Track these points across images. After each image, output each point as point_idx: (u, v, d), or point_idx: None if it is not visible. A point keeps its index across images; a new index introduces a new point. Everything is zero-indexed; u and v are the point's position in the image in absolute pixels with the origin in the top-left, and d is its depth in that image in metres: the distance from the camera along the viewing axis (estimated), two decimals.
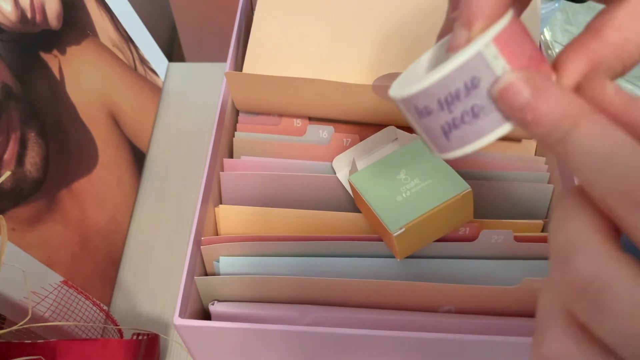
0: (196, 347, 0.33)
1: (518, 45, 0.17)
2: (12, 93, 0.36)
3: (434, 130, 0.18)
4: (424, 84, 0.17)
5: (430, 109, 0.18)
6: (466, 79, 0.17)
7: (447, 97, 0.17)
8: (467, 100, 0.17)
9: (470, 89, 0.17)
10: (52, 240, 0.38)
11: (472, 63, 0.17)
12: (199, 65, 0.58)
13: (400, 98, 0.18)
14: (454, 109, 0.17)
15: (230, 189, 0.38)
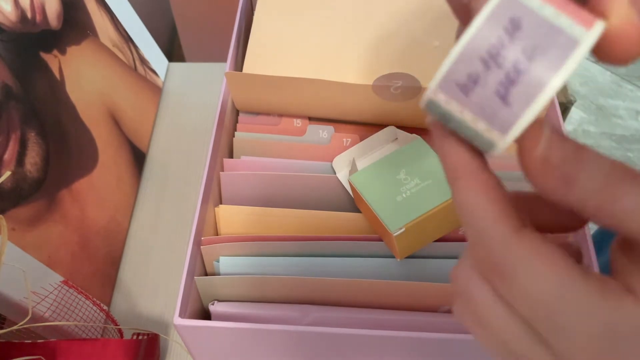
0: (196, 347, 0.33)
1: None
2: (12, 93, 0.36)
3: (489, 102, 0.15)
4: (459, 47, 0.15)
5: (475, 74, 0.15)
6: (504, 22, 0.15)
7: (491, 51, 0.15)
8: (514, 46, 0.15)
9: (513, 31, 0.15)
10: (52, 240, 0.38)
11: (505, 4, 0.15)
12: (199, 65, 0.58)
13: (437, 83, 0.16)
14: (504, 62, 0.15)
15: (230, 189, 0.38)
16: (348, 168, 0.37)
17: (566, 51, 0.15)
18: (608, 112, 1.26)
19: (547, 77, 0.15)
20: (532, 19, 0.15)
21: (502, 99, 0.15)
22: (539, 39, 0.15)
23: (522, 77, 0.15)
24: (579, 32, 0.15)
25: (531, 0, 0.15)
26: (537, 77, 0.15)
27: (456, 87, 0.16)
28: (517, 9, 0.15)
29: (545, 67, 0.15)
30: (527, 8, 0.15)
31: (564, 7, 0.16)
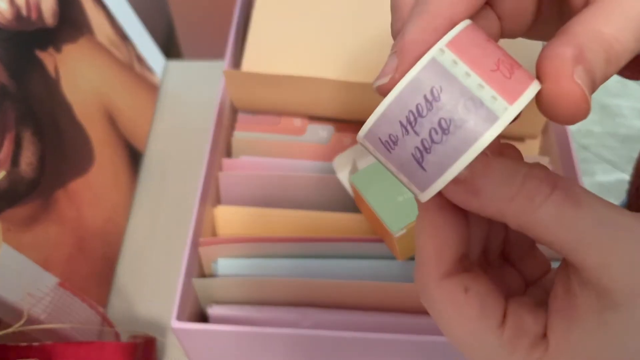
0: (194, 350, 0.33)
1: (482, 50, 0.15)
2: (7, 92, 0.36)
3: (407, 163, 0.16)
4: (381, 107, 0.16)
5: (395, 136, 0.16)
6: (425, 91, 0.15)
7: (409, 117, 0.15)
8: (432, 115, 0.15)
9: (432, 101, 0.15)
10: (48, 242, 0.37)
11: (428, 72, 0.15)
12: (197, 63, 0.58)
13: (364, 135, 0.16)
14: (420, 130, 0.15)
15: (228, 189, 0.37)
16: (348, 168, 0.37)
17: (483, 126, 0.15)
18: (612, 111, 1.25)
19: (458, 155, 0.15)
20: (454, 88, 0.15)
21: (418, 163, 0.16)
22: (457, 111, 0.15)
23: (436, 149, 0.15)
24: (500, 106, 0.15)
25: (457, 67, 0.15)
26: (449, 152, 0.15)
27: (379, 142, 0.16)
28: (441, 76, 0.15)
29: (458, 144, 0.15)
30: (451, 76, 0.15)
31: (491, 76, 0.15)
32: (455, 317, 0.16)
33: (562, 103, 0.15)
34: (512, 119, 0.15)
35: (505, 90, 0.15)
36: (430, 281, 0.17)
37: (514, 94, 0.15)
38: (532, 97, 0.16)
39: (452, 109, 0.15)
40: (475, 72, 0.15)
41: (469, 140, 0.15)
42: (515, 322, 0.16)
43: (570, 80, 0.15)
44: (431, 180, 0.16)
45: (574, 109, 0.15)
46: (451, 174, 0.15)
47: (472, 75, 0.15)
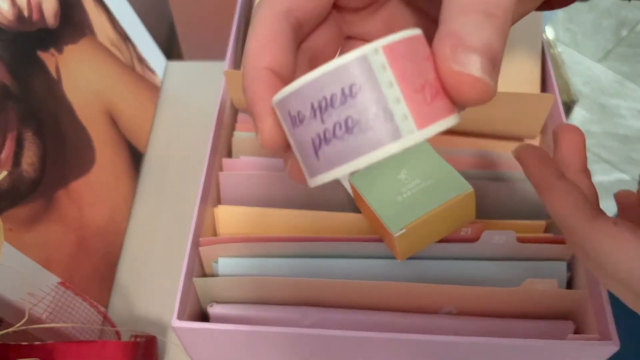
0: (195, 349, 0.33)
1: (415, 66, 0.15)
2: (9, 92, 0.36)
3: (305, 144, 0.15)
4: (300, 81, 0.15)
5: (303, 115, 0.15)
6: (344, 84, 0.14)
7: (321, 103, 0.15)
8: (341, 109, 0.14)
9: (348, 96, 0.14)
10: (49, 241, 0.37)
11: (355, 67, 0.14)
12: (198, 64, 0.58)
13: (277, 100, 0.16)
14: (327, 119, 0.15)
15: (229, 189, 0.38)
16: None
17: (384, 140, 0.15)
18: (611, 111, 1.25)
19: (352, 157, 0.15)
20: (373, 93, 0.14)
21: (315, 150, 0.15)
22: (365, 115, 0.14)
23: (334, 143, 0.15)
24: (408, 127, 0.15)
25: (384, 73, 0.14)
26: (345, 151, 0.15)
27: (288, 114, 0.16)
28: (365, 76, 0.14)
29: (355, 146, 0.15)
30: (374, 79, 0.14)
31: (412, 95, 0.15)
32: (614, 246, 0.19)
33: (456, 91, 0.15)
34: (414, 143, 0.15)
35: (420, 113, 0.15)
36: (584, 223, 0.20)
37: (425, 120, 0.15)
38: (443, 130, 0.15)
39: (362, 112, 0.14)
40: (399, 85, 0.15)
41: (365, 148, 0.15)
42: None
43: (450, 71, 0.15)
44: (319, 171, 0.15)
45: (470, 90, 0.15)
46: (338, 172, 0.15)
47: (394, 86, 0.15)
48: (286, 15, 0.18)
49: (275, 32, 0.17)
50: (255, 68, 0.17)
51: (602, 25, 1.38)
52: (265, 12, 0.18)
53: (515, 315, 0.32)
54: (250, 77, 0.17)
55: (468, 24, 0.15)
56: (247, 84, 0.17)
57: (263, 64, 0.17)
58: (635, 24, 1.38)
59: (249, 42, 0.18)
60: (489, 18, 0.15)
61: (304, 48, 0.20)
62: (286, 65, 0.17)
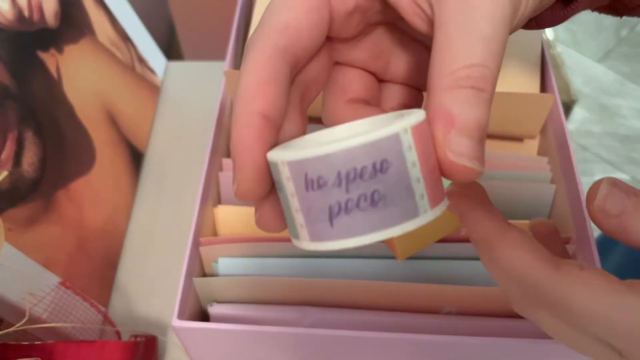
0: (195, 349, 0.33)
1: (428, 147, 0.16)
2: (9, 92, 0.36)
3: (318, 209, 0.15)
4: (330, 148, 0.15)
5: (324, 181, 0.15)
6: (376, 159, 0.15)
7: (350, 173, 0.15)
8: (370, 183, 0.15)
9: (378, 171, 0.15)
10: (49, 241, 0.37)
11: (388, 144, 0.15)
12: (198, 64, 0.58)
13: (291, 160, 0.15)
14: (353, 190, 0.15)
15: (229, 189, 0.38)
16: None
17: (404, 217, 0.15)
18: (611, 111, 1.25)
19: (370, 230, 0.15)
20: (400, 171, 0.15)
21: (330, 217, 0.15)
22: (391, 191, 0.15)
23: (355, 214, 0.15)
24: (424, 206, 0.16)
25: (410, 153, 0.15)
26: (365, 223, 0.15)
27: (303, 176, 0.15)
28: (396, 154, 0.15)
29: (376, 220, 0.15)
30: (402, 158, 0.15)
31: (428, 175, 0.16)
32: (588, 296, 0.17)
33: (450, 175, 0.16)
34: (427, 222, 0.16)
35: (432, 193, 0.16)
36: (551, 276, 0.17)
37: (436, 200, 0.16)
38: (444, 209, 0.16)
39: (389, 188, 0.15)
40: (420, 165, 0.15)
41: (385, 223, 0.15)
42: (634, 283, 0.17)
43: (446, 159, 0.16)
44: (330, 238, 0.16)
45: (463, 176, 0.16)
46: (353, 242, 0.15)
47: (417, 167, 0.15)
48: (284, 54, 0.17)
49: (272, 71, 0.17)
50: (247, 112, 0.16)
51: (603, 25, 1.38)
52: (261, 49, 0.17)
53: (515, 315, 0.32)
54: (241, 122, 0.16)
55: (459, 101, 0.16)
56: (237, 129, 0.16)
57: (256, 108, 0.16)
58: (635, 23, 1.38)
59: (242, 80, 0.17)
60: (478, 94, 0.16)
61: (296, 82, 0.19)
62: (280, 109, 0.17)
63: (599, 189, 0.18)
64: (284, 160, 0.16)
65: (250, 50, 0.17)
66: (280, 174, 0.16)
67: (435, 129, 0.16)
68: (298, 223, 0.16)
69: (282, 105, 0.17)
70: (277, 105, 0.17)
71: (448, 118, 0.16)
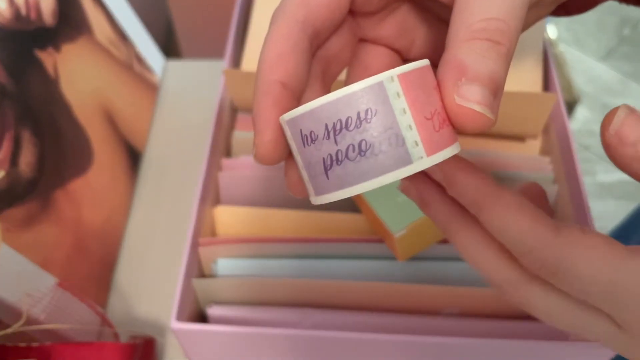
0: (193, 351, 0.33)
1: (426, 95, 0.16)
2: (6, 91, 0.36)
3: (315, 163, 0.16)
4: (315, 103, 0.16)
5: (315, 134, 0.16)
6: (360, 109, 0.15)
7: (336, 125, 0.15)
8: (355, 133, 0.15)
9: (363, 120, 0.15)
10: (47, 242, 0.37)
11: (371, 93, 0.15)
12: (197, 62, 0.58)
13: (288, 118, 0.16)
14: (341, 141, 0.16)
15: (228, 189, 0.37)
16: None
17: (395, 164, 0.15)
18: None
19: (362, 179, 0.16)
20: (387, 118, 0.15)
21: (325, 170, 0.16)
22: (379, 139, 0.15)
23: (346, 164, 0.16)
24: (418, 153, 0.16)
25: (398, 100, 0.15)
26: (356, 173, 0.16)
27: (299, 133, 0.16)
28: (380, 101, 0.15)
29: (367, 169, 0.15)
30: (389, 105, 0.15)
31: (423, 122, 0.16)
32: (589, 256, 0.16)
33: (458, 122, 0.16)
34: (422, 169, 0.16)
35: (429, 140, 0.16)
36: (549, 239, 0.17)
37: (433, 148, 0.16)
38: (448, 157, 0.16)
39: (376, 136, 0.15)
40: (412, 112, 0.15)
41: (376, 171, 0.16)
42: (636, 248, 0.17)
43: (453, 104, 0.15)
44: (328, 190, 0.16)
45: (471, 123, 0.16)
46: (347, 192, 0.16)
47: (407, 113, 0.15)
48: (303, 26, 0.17)
49: (291, 43, 0.17)
50: (267, 81, 0.17)
51: (605, 24, 1.37)
52: (281, 22, 0.17)
53: (517, 316, 0.32)
54: (261, 90, 0.17)
55: (472, 52, 0.15)
56: (257, 96, 0.17)
57: (275, 77, 0.17)
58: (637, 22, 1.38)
59: (264, 52, 0.17)
60: (494, 46, 0.15)
61: (318, 56, 0.19)
62: (299, 79, 0.17)
63: (616, 115, 0.16)
64: (283, 119, 0.17)
65: (272, 25, 0.18)
66: (287, 135, 0.17)
67: (445, 78, 0.16)
68: (305, 179, 0.17)
69: (301, 75, 0.17)
70: (296, 74, 0.17)
71: (460, 67, 0.15)
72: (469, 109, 0.15)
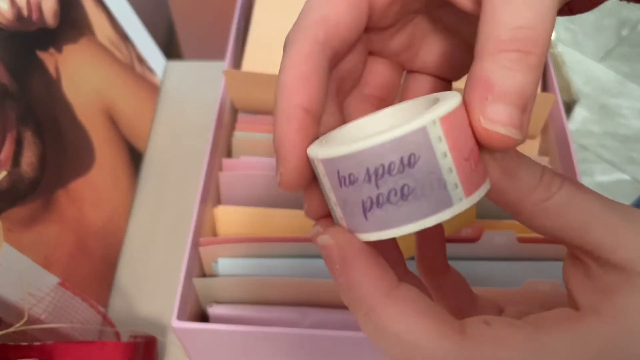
0: (194, 350, 0.33)
1: (463, 135, 0.16)
2: (8, 92, 0.36)
3: (352, 204, 0.16)
4: (357, 146, 0.15)
5: (355, 177, 0.15)
6: (403, 154, 0.15)
7: (378, 170, 0.15)
8: (398, 178, 0.15)
9: (406, 166, 0.15)
10: (48, 241, 0.37)
11: (414, 138, 0.15)
12: (198, 63, 0.58)
13: (324, 158, 0.16)
14: (382, 185, 0.15)
15: (229, 189, 0.37)
16: None
17: (436, 207, 0.16)
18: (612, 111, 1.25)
19: (403, 222, 0.15)
20: (430, 163, 0.15)
21: (364, 211, 0.16)
22: (421, 184, 0.15)
23: (387, 208, 0.15)
24: (458, 195, 0.16)
25: (439, 144, 0.15)
26: (398, 216, 0.15)
27: (335, 173, 0.16)
28: (423, 146, 0.15)
29: (408, 212, 0.15)
30: (431, 150, 0.15)
31: (462, 164, 0.16)
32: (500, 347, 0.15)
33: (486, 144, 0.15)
34: (462, 210, 0.16)
35: (468, 181, 0.16)
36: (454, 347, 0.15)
37: (471, 188, 0.16)
38: (482, 195, 0.16)
39: (419, 181, 0.15)
40: (452, 155, 0.15)
41: (418, 214, 0.15)
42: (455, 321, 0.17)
43: (479, 127, 0.15)
44: (366, 230, 0.16)
45: (498, 145, 0.15)
46: (387, 234, 0.16)
47: (448, 157, 0.15)
48: (322, 47, 0.17)
49: (312, 65, 0.17)
50: (289, 106, 0.16)
51: (603, 24, 1.38)
52: (301, 43, 0.17)
53: None
54: (283, 115, 0.16)
55: (500, 66, 0.14)
56: (279, 122, 0.17)
57: (297, 101, 0.16)
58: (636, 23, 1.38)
59: (283, 74, 0.17)
60: (523, 58, 0.14)
61: (332, 75, 0.19)
62: (320, 102, 0.17)
63: None
64: (318, 157, 0.16)
65: (290, 45, 0.17)
66: (317, 169, 0.17)
67: (471, 98, 0.15)
68: (337, 215, 0.17)
69: (322, 98, 0.17)
70: (318, 98, 0.17)
71: (486, 84, 0.15)
72: (494, 133, 0.15)
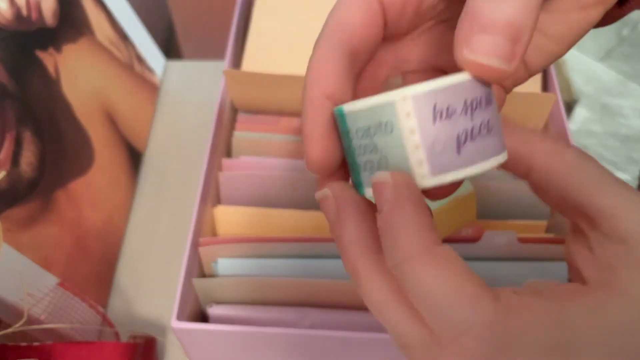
0: (194, 350, 0.33)
1: None
2: (7, 92, 0.36)
3: (445, 140, 0.15)
4: (460, 77, 0.15)
5: (453, 110, 0.15)
6: (487, 92, 0.16)
7: (474, 101, 0.16)
8: (486, 111, 0.16)
9: (489, 102, 0.16)
10: (48, 242, 0.37)
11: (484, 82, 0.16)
12: (197, 63, 0.58)
13: (420, 92, 0.15)
14: (476, 117, 0.16)
15: (228, 189, 0.37)
16: None
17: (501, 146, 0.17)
18: (612, 111, 1.25)
19: (488, 155, 0.16)
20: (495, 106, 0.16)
21: (457, 146, 0.16)
22: (497, 121, 0.16)
23: (477, 141, 0.16)
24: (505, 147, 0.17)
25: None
26: (485, 149, 0.16)
27: (431, 108, 0.15)
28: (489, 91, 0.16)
29: (491, 146, 0.16)
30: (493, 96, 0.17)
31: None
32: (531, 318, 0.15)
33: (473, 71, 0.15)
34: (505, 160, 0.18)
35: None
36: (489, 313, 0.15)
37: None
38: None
39: (495, 118, 0.16)
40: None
41: (496, 149, 0.16)
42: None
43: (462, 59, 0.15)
44: (455, 167, 0.16)
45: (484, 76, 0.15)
46: (477, 169, 0.16)
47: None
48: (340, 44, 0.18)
49: (333, 60, 0.17)
50: (312, 96, 0.17)
51: None
52: (323, 44, 0.18)
53: None
54: (310, 104, 0.17)
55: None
56: (304, 109, 0.17)
57: (320, 91, 0.17)
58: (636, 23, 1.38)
59: (309, 72, 0.18)
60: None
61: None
62: (344, 92, 0.17)
63: None
64: (407, 95, 0.15)
65: (315, 47, 0.18)
66: (396, 114, 0.16)
67: (458, 30, 0.15)
68: (415, 161, 0.16)
69: (345, 88, 0.18)
70: (340, 88, 0.17)
71: (473, 17, 0.14)
72: (478, 63, 0.14)
